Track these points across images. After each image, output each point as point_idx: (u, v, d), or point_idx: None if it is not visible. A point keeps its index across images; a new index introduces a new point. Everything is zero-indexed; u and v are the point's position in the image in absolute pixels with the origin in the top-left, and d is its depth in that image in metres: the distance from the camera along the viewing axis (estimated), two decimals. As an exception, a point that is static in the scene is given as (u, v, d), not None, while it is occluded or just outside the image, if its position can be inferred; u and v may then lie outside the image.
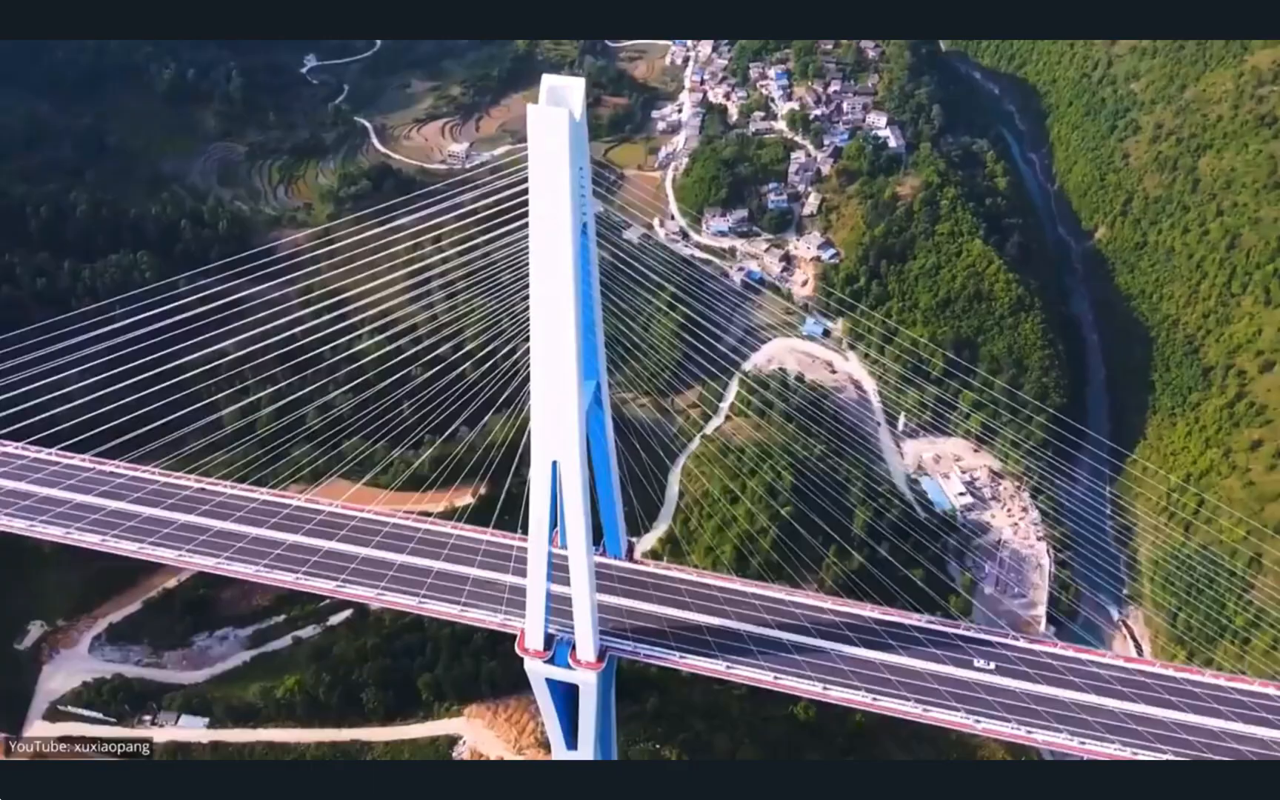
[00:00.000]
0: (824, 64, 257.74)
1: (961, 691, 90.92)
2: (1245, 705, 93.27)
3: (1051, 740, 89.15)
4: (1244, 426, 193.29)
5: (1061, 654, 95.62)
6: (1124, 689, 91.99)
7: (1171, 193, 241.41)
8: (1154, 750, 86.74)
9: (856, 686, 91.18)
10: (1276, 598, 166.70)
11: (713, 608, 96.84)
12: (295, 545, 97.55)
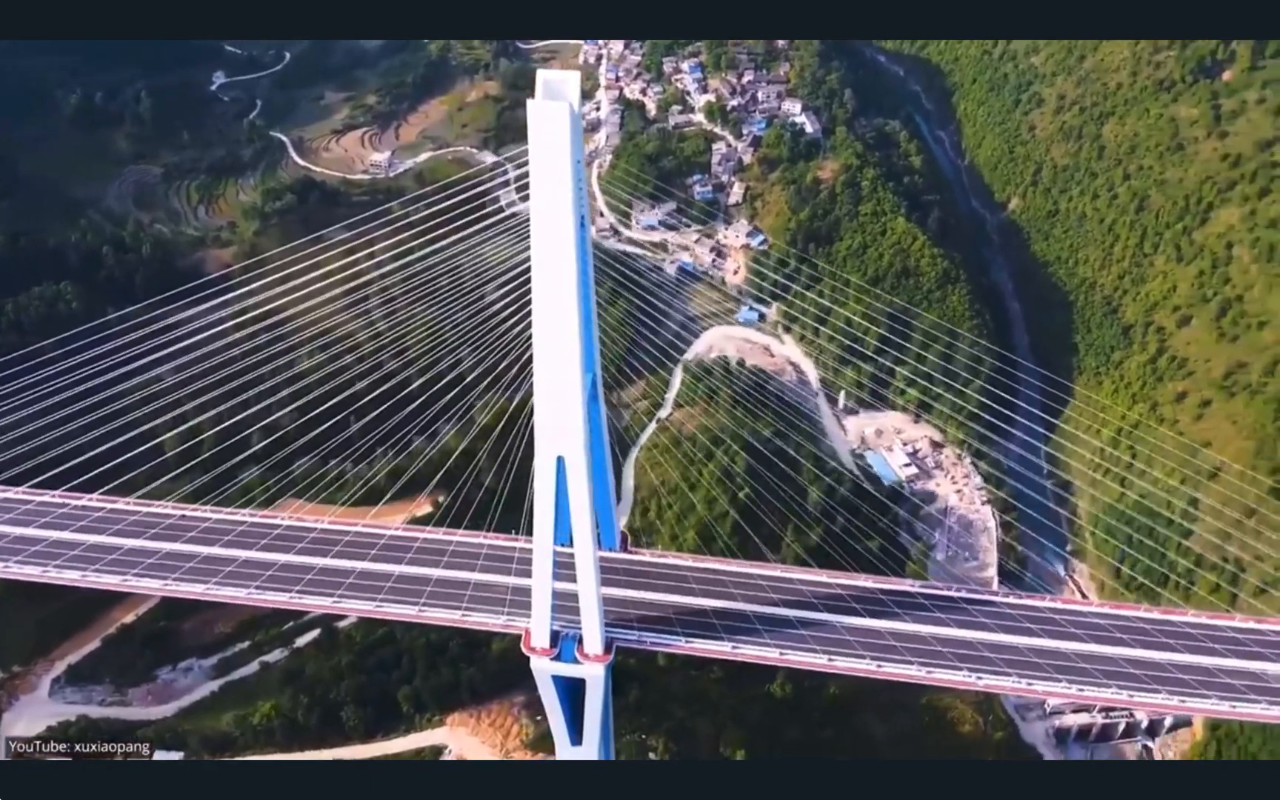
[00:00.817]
0: (735, 55, 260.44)
1: (962, 651, 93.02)
2: (1192, 636, 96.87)
3: (1000, 684, 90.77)
4: (1167, 380, 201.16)
5: (1019, 603, 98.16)
6: (1075, 630, 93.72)
7: (1079, 160, 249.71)
8: (1100, 686, 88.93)
9: (861, 655, 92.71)
10: (1214, 541, 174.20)
11: (711, 590, 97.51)
12: (287, 566, 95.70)
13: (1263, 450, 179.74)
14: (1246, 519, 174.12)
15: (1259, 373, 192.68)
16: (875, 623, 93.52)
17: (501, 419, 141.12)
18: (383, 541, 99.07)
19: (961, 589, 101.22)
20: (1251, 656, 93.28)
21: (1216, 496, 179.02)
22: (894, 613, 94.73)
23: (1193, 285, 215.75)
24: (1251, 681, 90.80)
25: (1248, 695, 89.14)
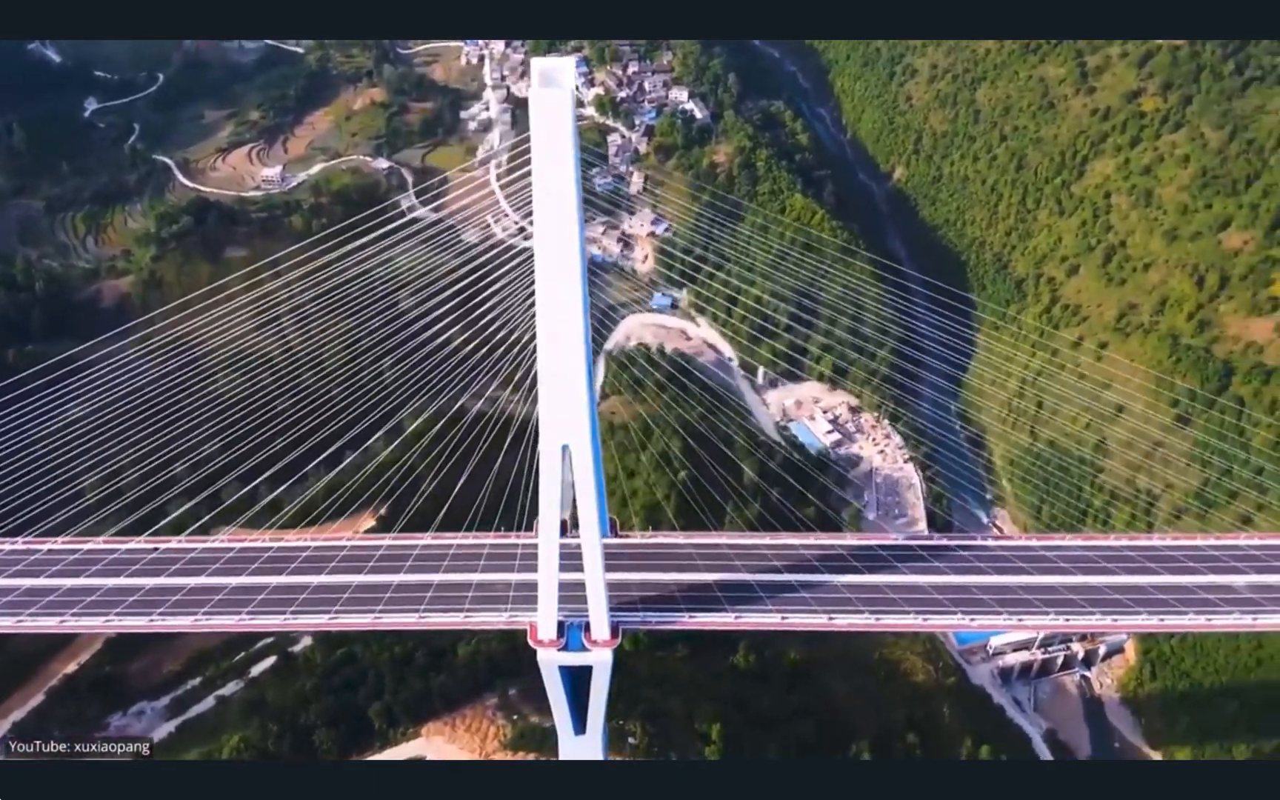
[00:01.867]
0: (619, 48, 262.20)
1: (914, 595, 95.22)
2: (1131, 558, 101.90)
3: (947, 623, 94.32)
4: (1063, 327, 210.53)
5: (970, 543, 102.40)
6: (1019, 563, 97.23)
7: (956, 126, 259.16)
8: (1040, 613, 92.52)
9: (860, 610, 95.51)
10: (1126, 474, 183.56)
11: (706, 563, 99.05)
12: (281, 587, 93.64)
13: (1161, 384, 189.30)
14: (1154, 450, 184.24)
15: (1149, 312, 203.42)
16: (848, 577, 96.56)
17: (434, 425, 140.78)
18: (380, 552, 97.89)
19: (939, 537, 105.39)
20: (1181, 571, 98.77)
21: (1123, 432, 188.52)
22: (855, 567, 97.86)
23: (1077, 236, 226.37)
24: (1181, 594, 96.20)
25: (1176, 608, 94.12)
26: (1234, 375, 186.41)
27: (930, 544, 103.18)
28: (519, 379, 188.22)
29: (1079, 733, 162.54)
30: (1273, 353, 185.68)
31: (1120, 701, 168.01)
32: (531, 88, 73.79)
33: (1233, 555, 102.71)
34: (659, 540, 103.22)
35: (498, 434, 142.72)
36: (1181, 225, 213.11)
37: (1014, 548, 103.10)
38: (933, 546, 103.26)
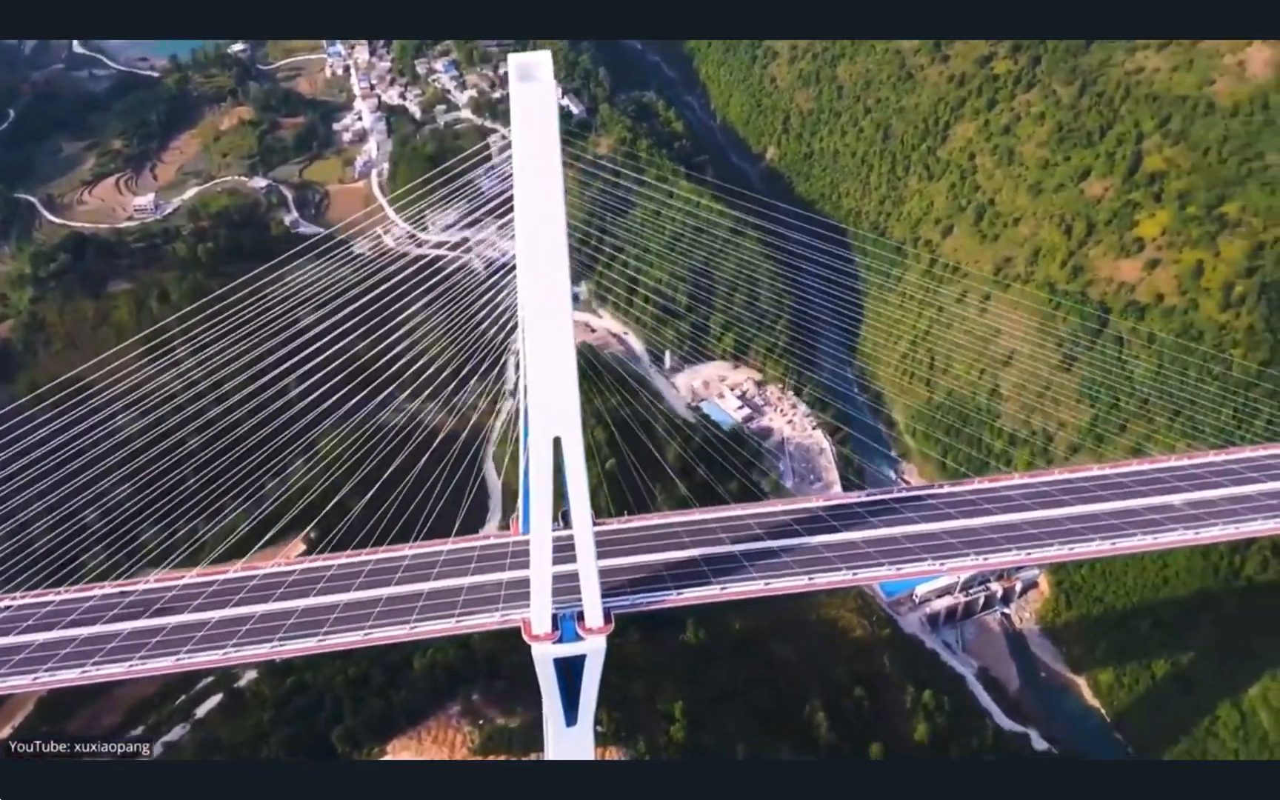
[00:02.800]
0: (486, 49, 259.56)
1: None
2: (1048, 493, 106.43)
3: (875, 575, 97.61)
4: (945, 285, 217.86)
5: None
6: (948, 510, 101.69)
7: (821, 104, 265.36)
8: (961, 556, 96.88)
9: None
10: (1021, 418, 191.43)
11: (683, 541, 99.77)
12: (268, 615, 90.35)
13: (1045, 328, 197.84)
14: (1045, 391, 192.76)
15: (1024, 263, 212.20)
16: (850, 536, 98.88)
17: (349, 441, 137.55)
18: (369, 567, 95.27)
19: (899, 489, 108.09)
20: (1090, 500, 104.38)
21: (1014, 377, 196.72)
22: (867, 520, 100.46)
23: (947, 198, 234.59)
24: (1089, 523, 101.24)
25: (1085, 536, 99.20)
26: (1111, 314, 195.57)
27: (900, 496, 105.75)
28: (431, 388, 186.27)
29: (1007, 668, 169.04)
30: (1144, 290, 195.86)
31: (1041, 633, 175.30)
32: (511, 83, 72.83)
33: (1136, 479, 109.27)
34: (635, 523, 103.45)
35: (417, 443, 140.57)
36: (1044, 179, 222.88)
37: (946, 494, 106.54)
38: (902, 499, 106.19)
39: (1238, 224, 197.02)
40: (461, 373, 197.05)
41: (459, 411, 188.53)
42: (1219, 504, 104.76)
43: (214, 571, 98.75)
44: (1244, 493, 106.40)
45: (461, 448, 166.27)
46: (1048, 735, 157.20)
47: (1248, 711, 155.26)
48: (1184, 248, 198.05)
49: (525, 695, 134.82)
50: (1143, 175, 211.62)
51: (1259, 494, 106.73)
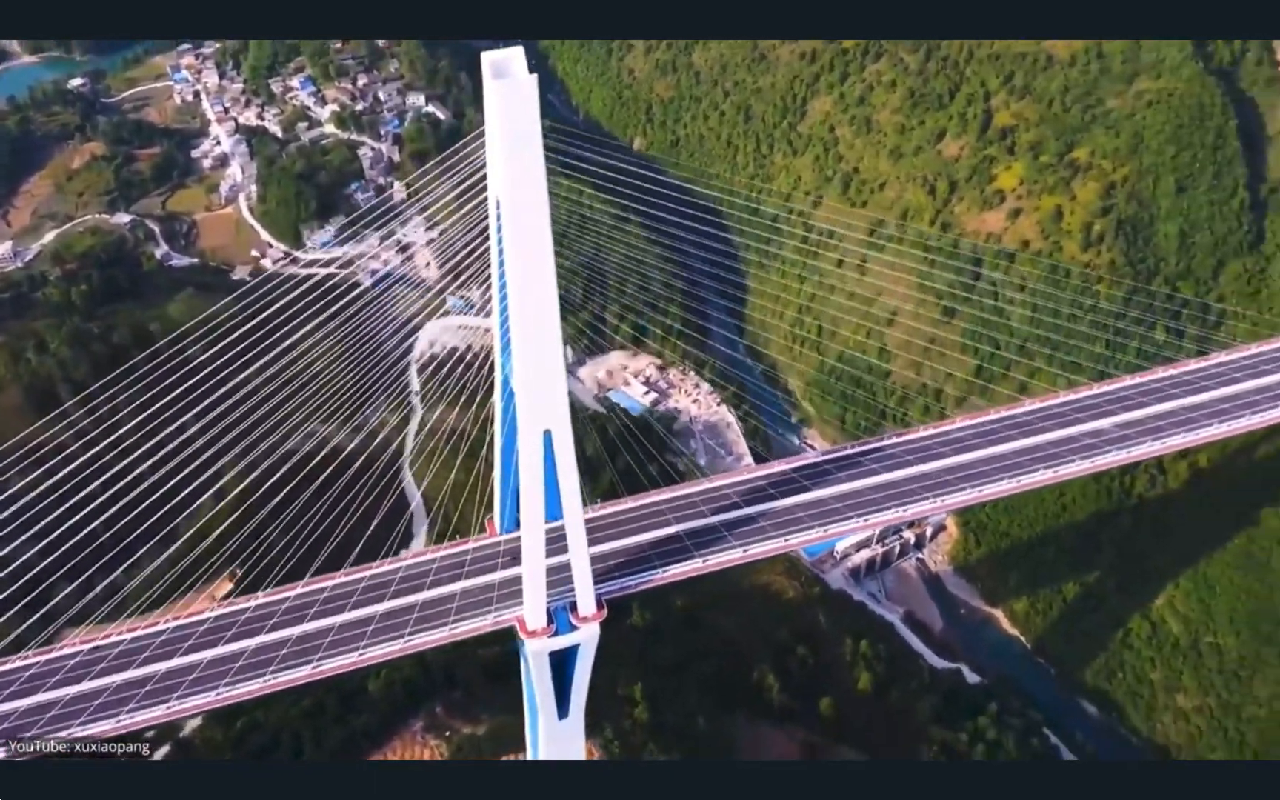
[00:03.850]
0: (342, 62, 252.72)
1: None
2: (961, 438, 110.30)
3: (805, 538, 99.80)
4: (823, 253, 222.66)
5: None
6: (872, 465, 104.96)
7: (681, 91, 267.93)
8: (885, 511, 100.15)
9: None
10: (910, 374, 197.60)
11: (661, 521, 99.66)
12: (262, 647, 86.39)
13: (922, 285, 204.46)
14: (929, 345, 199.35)
15: (894, 226, 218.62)
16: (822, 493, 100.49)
17: (260, 473, 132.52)
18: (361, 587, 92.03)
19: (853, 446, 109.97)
20: (995, 443, 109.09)
21: (900, 335, 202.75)
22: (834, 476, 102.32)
23: (813, 171, 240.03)
24: (996, 463, 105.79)
25: (994, 477, 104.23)
26: (983, 264, 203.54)
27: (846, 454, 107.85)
28: (333, 410, 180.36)
29: (929, 609, 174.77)
30: (1010, 238, 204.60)
31: (955, 573, 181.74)
32: (486, 81, 71.54)
33: (1035, 416, 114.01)
34: (609, 510, 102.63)
35: (330, 466, 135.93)
36: (903, 144, 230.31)
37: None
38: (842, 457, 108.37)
39: (1088, 168, 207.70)
40: (365, 389, 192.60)
41: (367, 429, 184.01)
42: (1110, 432, 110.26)
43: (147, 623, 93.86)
44: (1133, 417, 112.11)
45: (376, 464, 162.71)
46: (977, 668, 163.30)
47: (1156, 621, 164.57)
48: (1042, 195, 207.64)
49: (487, 701, 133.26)
50: (995, 131, 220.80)
51: (1148, 417, 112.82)
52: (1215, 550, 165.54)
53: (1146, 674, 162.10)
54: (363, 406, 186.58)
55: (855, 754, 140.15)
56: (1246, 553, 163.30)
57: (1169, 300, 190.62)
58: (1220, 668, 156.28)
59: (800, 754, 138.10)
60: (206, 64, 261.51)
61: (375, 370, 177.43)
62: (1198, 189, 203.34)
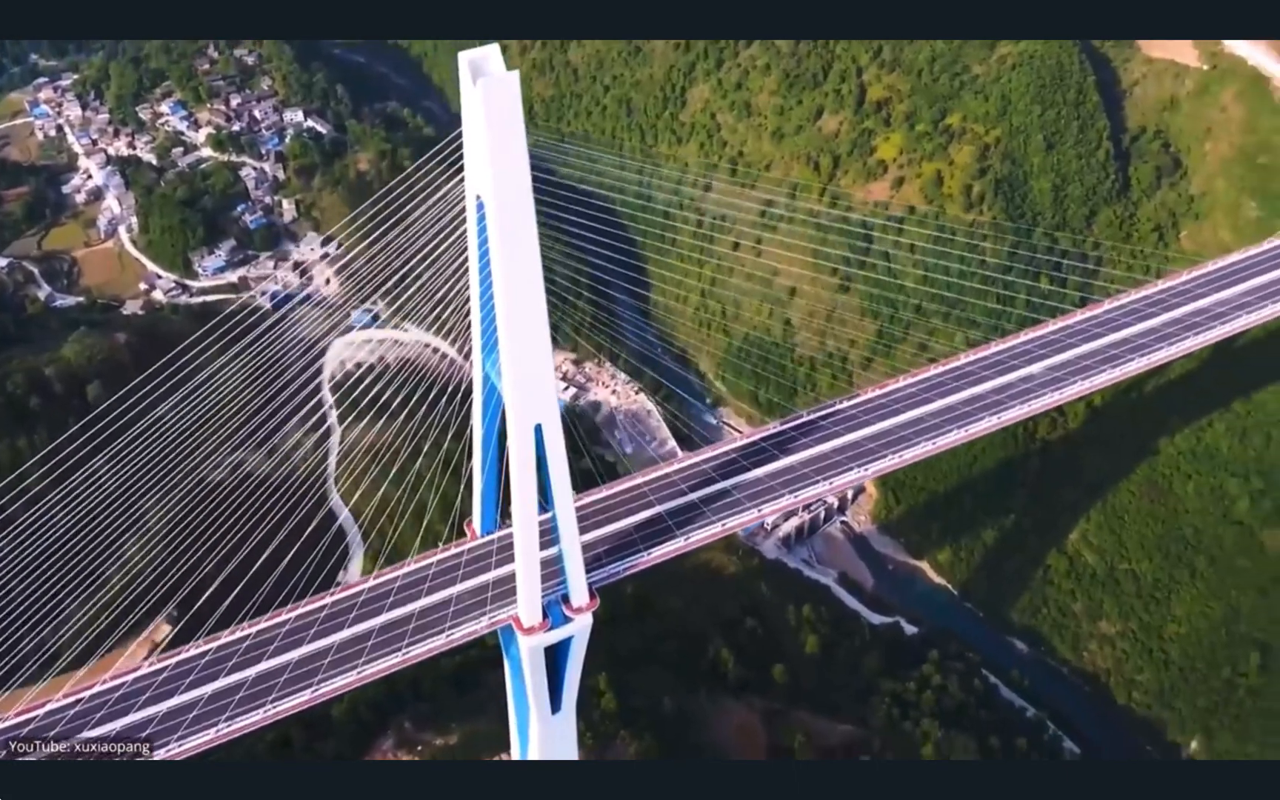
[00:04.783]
0: (212, 83, 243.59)
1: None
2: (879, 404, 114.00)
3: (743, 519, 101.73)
4: (719, 236, 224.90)
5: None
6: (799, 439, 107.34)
7: (560, 89, 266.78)
8: (814, 484, 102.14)
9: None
10: (815, 343, 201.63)
11: (639, 504, 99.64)
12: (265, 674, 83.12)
13: (818, 256, 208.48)
14: (831, 316, 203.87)
15: (784, 204, 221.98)
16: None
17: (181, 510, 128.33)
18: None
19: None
20: (907, 410, 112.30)
21: (801, 308, 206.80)
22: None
23: (699, 157, 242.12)
24: (916, 427, 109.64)
25: (914, 442, 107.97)
26: (873, 233, 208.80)
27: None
28: (248, 437, 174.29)
29: (859, 569, 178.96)
30: (896, 205, 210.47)
31: (879, 531, 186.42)
32: (464, 81, 70.63)
33: (948, 375, 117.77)
34: (592, 497, 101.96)
35: (254, 496, 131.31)
36: (783, 124, 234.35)
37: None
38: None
39: (962, 133, 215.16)
40: (278, 413, 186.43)
41: (284, 453, 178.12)
42: (1015, 385, 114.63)
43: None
44: (1032, 371, 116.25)
45: (300, 488, 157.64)
46: (912, 620, 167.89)
47: (1073, 555, 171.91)
48: (922, 162, 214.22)
49: (455, 710, 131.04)
50: (870, 105, 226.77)
51: (1044, 371, 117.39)
52: (1120, 482, 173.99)
53: (1069, 606, 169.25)
54: (278, 431, 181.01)
55: (812, 715, 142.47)
56: (1149, 481, 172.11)
57: (1049, 251, 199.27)
58: (1138, 592, 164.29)
59: (761, 722, 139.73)
60: (66, 96, 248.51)
61: (286, 393, 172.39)
62: (1065, 144, 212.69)
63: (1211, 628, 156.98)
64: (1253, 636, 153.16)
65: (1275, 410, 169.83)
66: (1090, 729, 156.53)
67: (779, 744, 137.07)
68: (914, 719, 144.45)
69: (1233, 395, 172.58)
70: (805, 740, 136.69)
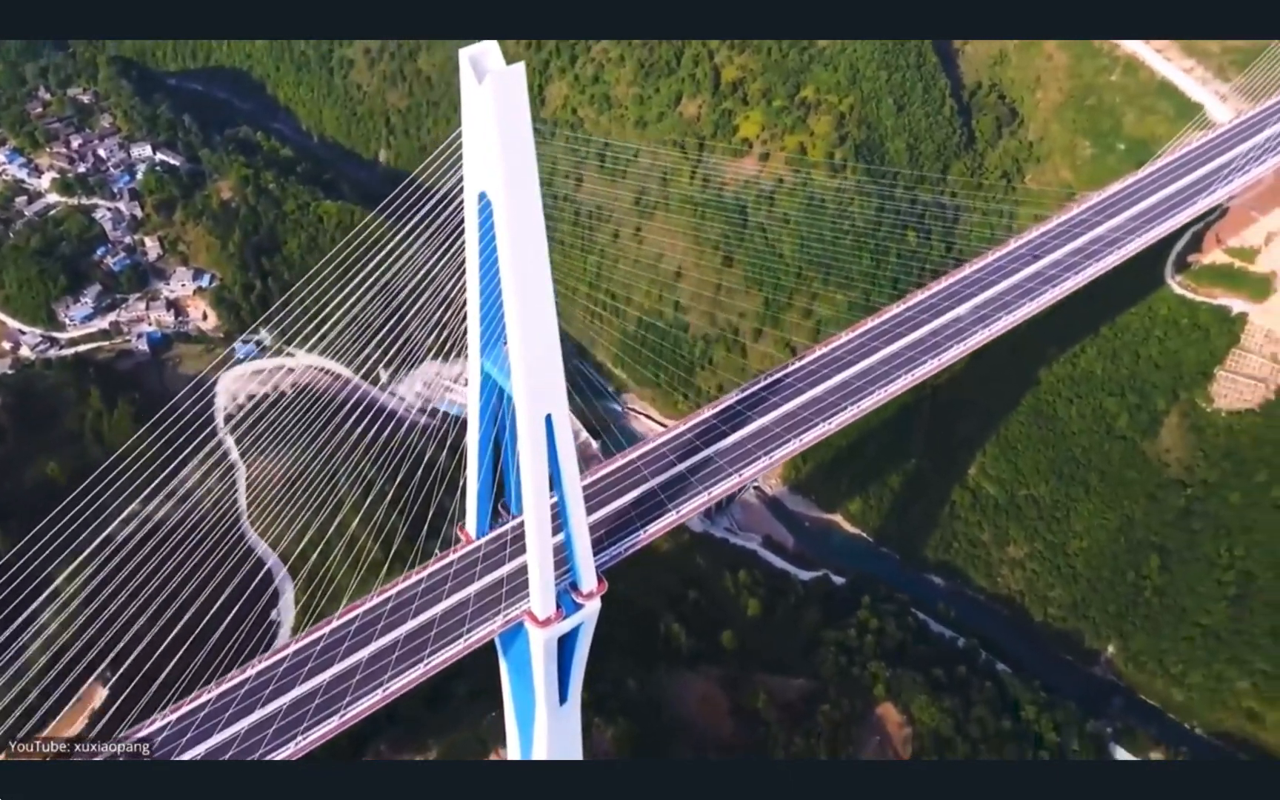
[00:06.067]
0: (48, 127, 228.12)
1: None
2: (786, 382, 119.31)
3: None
4: (596, 227, 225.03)
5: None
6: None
7: (415, 98, 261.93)
8: (762, 457, 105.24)
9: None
10: (706, 320, 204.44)
11: (629, 484, 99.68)
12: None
13: (699, 239, 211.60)
14: (717, 291, 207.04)
15: (656, 195, 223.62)
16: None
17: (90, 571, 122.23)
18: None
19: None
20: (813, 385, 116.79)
21: (689, 288, 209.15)
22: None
23: (566, 153, 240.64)
24: (840, 393, 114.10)
25: (832, 413, 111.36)
26: (748, 208, 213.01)
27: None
28: (146, 485, 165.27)
29: (779, 530, 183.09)
30: (766, 179, 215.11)
31: (791, 491, 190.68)
32: (468, 79, 69.36)
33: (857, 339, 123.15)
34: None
35: (166, 543, 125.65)
36: (645, 113, 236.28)
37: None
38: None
39: (818, 104, 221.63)
40: (175, 456, 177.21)
41: (191, 498, 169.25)
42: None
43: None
44: (919, 335, 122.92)
45: (212, 530, 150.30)
46: (837, 571, 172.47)
47: (975, 488, 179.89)
48: (784, 135, 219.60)
49: (430, 727, 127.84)
50: (726, 85, 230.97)
51: (929, 333, 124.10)
52: (1009, 414, 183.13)
53: (978, 537, 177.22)
54: (177, 474, 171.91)
55: (767, 675, 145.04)
56: (1035, 410, 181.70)
57: (912, 206, 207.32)
58: (1040, 515, 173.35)
59: (721, 689, 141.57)
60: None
61: (182, 439, 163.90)
62: (913, 105, 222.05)
63: (1111, 538, 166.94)
64: (1150, 540, 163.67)
65: (1138, 329, 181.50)
66: (1015, 648, 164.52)
67: (742, 706, 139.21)
68: (860, 663, 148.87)
69: (1099, 320, 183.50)
70: (767, 699, 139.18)
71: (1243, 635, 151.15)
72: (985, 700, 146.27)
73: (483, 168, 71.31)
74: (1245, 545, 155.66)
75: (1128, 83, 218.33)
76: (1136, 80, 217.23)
